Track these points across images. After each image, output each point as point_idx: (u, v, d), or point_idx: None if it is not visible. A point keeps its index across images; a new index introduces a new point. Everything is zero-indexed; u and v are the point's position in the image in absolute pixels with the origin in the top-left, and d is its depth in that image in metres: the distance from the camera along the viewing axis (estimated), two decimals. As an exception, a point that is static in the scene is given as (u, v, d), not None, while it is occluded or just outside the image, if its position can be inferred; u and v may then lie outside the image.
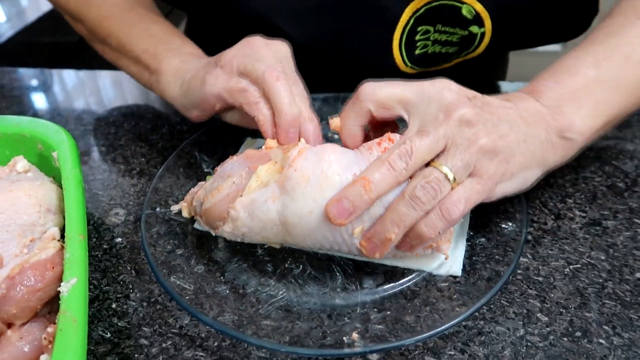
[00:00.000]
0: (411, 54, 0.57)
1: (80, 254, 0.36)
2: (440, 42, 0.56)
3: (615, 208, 0.47)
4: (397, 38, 0.56)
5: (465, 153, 0.36)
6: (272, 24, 0.56)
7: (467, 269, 0.40)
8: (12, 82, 0.77)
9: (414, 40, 0.56)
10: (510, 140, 0.37)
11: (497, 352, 0.36)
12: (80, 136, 0.63)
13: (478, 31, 0.55)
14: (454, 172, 0.36)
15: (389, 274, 0.41)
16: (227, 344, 0.38)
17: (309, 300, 0.39)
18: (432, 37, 0.56)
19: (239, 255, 0.43)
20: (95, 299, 0.42)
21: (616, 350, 0.36)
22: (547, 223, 0.46)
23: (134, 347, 0.38)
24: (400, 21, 0.54)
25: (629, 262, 0.42)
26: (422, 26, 0.54)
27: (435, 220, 0.36)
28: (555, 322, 0.38)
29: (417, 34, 0.55)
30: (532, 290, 0.40)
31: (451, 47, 0.57)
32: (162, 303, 0.41)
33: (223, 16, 0.60)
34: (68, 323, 0.32)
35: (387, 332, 0.36)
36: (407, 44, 0.56)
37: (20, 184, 0.43)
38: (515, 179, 0.39)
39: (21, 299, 0.35)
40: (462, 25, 0.54)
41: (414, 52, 0.57)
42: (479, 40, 0.56)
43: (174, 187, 0.49)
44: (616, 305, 0.39)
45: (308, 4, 0.55)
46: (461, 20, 0.54)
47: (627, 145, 0.55)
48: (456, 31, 0.55)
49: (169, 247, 0.43)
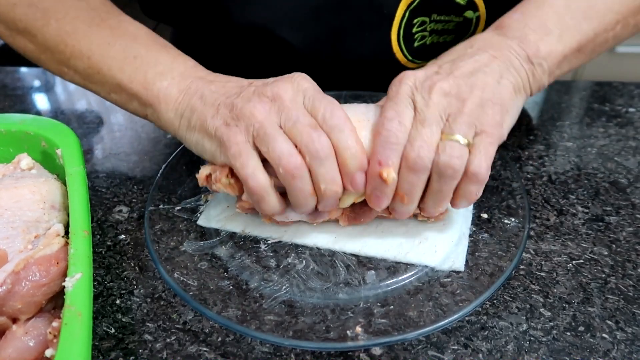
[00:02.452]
0: (410, 47, 0.58)
1: (85, 250, 0.36)
2: (437, 32, 0.57)
3: (618, 204, 0.47)
4: (395, 33, 0.56)
5: (462, 117, 0.38)
6: (267, 32, 0.56)
7: (469, 265, 0.40)
8: (15, 81, 0.78)
9: (412, 33, 0.56)
10: (490, 85, 0.39)
11: (500, 347, 0.36)
12: (84, 134, 0.63)
13: (473, 16, 0.55)
14: (464, 135, 0.37)
15: (392, 269, 0.41)
16: (231, 339, 0.38)
17: (312, 295, 0.39)
18: (429, 28, 0.56)
19: (242, 250, 0.44)
20: (99, 295, 0.42)
21: (619, 345, 0.36)
22: (550, 219, 0.46)
23: (138, 342, 0.38)
24: (397, 15, 0.55)
25: (631, 258, 0.42)
26: (417, 18, 0.55)
27: (469, 187, 0.38)
28: (558, 317, 0.38)
29: (414, 26, 0.56)
30: (535, 285, 0.41)
31: (448, 36, 0.57)
32: (166, 299, 0.41)
33: (214, 28, 0.59)
34: (73, 317, 0.32)
35: (390, 326, 0.36)
36: (405, 38, 0.56)
37: (24, 181, 0.43)
38: (511, 112, 0.41)
39: (26, 294, 0.35)
40: (457, 12, 0.55)
41: (413, 44, 0.57)
42: (474, 25, 0.56)
43: (177, 184, 0.49)
44: (619, 300, 0.39)
45: (304, 8, 0.55)
46: (455, 7, 0.54)
47: (630, 142, 0.55)
48: (451, 18, 0.55)
49: (173, 243, 0.43)
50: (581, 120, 0.59)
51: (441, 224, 0.44)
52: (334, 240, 0.43)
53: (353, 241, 0.43)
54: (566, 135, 0.57)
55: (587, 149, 0.54)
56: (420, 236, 0.43)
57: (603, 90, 0.65)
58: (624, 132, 0.56)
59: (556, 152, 0.54)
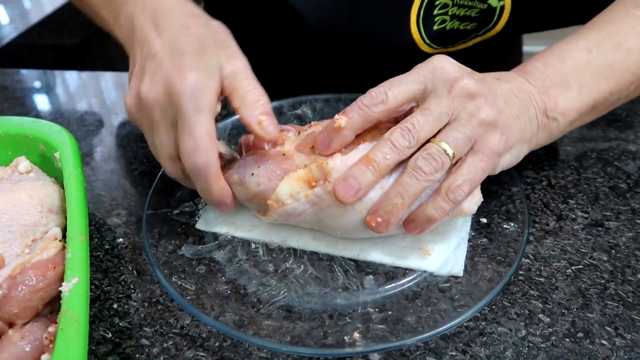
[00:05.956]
0: (429, 30, 0.56)
1: (82, 254, 0.36)
2: (458, 18, 0.55)
3: (618, 209, 0.47)
4: (415, 12, 0.54)
5: (467, 126, 0.37)
6: (283, 2, 0.54)
7: (468, 270, 0.40)
8: (15, 83, 0.78)
9: (432, 14, 0.55)
10: (507, 115, 0.39)
11: (498, 353, 0.36)
12: (83, 137, 0.63)
13: (497, 4, 0.54)
14: (454, 147, 0.37)
15: (391, 274, 0.41)
16: (228, 344, 0.38)
17: (310, 300, 0.39)
18: (451, 12, 0.55)
19: (240, 255, 0.43)
20: (96, 299, 0.42)
21: (618, 352, 0.36)
22: (549, 224, 0.46)
23: (135, 347, 0.38)
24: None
25: (631, 263, 0.42)
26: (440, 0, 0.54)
27: (441, 203, 0.37)
28: (557, 323, 0.38)
29: (435, 8, 0.54)
30: (534, 291, 0.40)
31: (470, 23, 0.56)
32: (163, 303, 0.41)
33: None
34: (69, 322, 0.32)
35: (389, 332, 0.36)
36: (425, 19, 0.55)
37: (22, 185, 0.43)
38: (513, 151, 0.40)
39: (23, 299, 0.35)
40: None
41: (432, 27, 0.56)
42: (498, 15, 0.55)
43: (175, 188, 0.49)
44: (618, 306, 0.39)
45: None
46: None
47: (630, 147, 0.55)
48: (475, 4, 0.54)
49: (171, 247, 0.43)
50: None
51: (440, 228, 0.44)
52: (333, 244, 0.43)
53: (352, 246, 0.43)
54: (566, 139, 0.56)
55: (587, 153, 0.54)
56: (419, 241, 0.43)
57: (603, 94, 0.64)
58: (623, 136, 0.56)
59: (556, 156, 0.54)
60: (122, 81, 0.77)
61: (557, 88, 0.42)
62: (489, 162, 0.38)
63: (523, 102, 0.41)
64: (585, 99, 0.43)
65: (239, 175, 0.41)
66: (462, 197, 0.37)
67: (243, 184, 0.40)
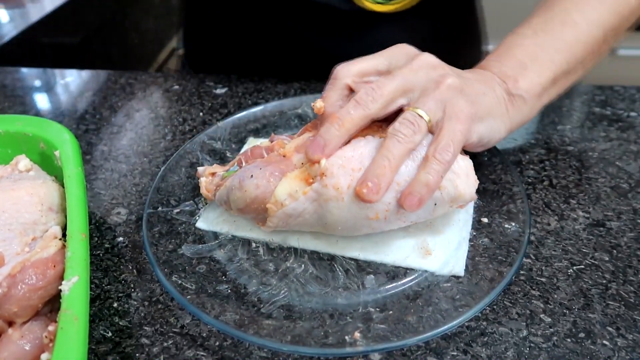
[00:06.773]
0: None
1: (82, 253, 0.36)
2: None
3: (619, 209, 0.47)
4: None
5: (435, 92, 0.40)
6: None
7: (469, 270, 0.40)
8: (15, 82, 0.78)
9: None
10: (473, 90, 0.42)
11: (500, 353, 0.36)
12: (83, 136, 0.63)
13: None
14: (427, 111, 0.39)
15: (391, 273, 0.41)
16: (229, 343, 0.38)
17: (310, 299, 0.39)
18: None
19: (241, 254, 0.43)
20: (96, 298, 0.42)
21: (620, 352, 0.36)
22: (551, 224, 0.46)
23: (135, 346, 0.38)
24: None
25: (632, 263, 0.42)
26: None
27: (432, 165, 0.38)
28: (558, 323, 0.38)
29: None
30: (536, 291, 0.40)
31: None
32: (163, 302, 0.41)
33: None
34: (69, 321, 0.31)
35: (389, 332, 0.36)
36: None
37: (22, 183, 0.43)
38: (486, 123, 0.42)
39: (22, 297, 0.35)
40: None
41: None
42: None
43: (175, 187, 0.49)
44: (620, 307, 0.39)
45: None
46: None
47: (631, 147, 0.55)
48: None
49: (171, 246, 0.43)
50: (582, 124, 0.59)
51: (441, 228, 0.43)
52: (334, 244, 0.43)
53: (352, 245, 0.43)
54: (567, 139, 0.56)
55: (588, 153, 0.54)
56: (420, 240, 0.43)
57: (604, 94, 0.64)
58: (625, 136, 0.56)
59: (557, 156, 0.54)
60: (121, 80, 0.77)
61: (514, 71, 0.45)
62: (464, 123, 0.39)
63: (487, 83, 0.43)
64: (545, 73, 0.45)
65: (238, 178, 0.41)
66: (450, 156, 0.38)
67: (242, 187, 0.40)
